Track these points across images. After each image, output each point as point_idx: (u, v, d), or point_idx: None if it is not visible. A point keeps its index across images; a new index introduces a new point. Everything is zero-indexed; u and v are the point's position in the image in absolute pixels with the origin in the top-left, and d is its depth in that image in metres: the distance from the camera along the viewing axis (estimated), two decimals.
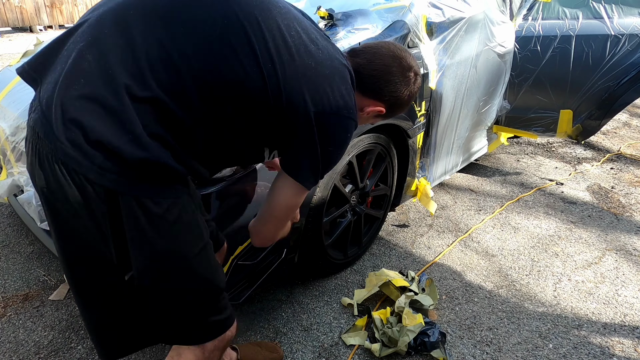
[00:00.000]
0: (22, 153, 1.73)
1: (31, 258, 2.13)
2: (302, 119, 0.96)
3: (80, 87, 0.81)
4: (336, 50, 1.07)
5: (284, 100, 0.94)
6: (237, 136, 0.98)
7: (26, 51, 2.39)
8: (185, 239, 0.93)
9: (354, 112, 1.03)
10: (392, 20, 2.01)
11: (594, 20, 2.56)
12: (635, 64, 2.46)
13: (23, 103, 1.85)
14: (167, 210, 0.89)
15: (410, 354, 1.68)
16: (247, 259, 1.59)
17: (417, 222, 2.57)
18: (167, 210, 0.88)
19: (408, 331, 1.67)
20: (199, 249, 0.96)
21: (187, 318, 1.01)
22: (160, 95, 0.83)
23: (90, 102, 0.80)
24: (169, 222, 0.89)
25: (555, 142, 3.88)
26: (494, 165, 3.38)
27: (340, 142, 1.05)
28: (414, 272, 2.06)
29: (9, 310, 1.83)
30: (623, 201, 2.91)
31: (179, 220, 0.91)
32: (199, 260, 0.97)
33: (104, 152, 0.81)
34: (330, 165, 1.06)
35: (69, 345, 1.68)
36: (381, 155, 2.05)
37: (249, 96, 0.92)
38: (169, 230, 0.90)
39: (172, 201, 0.89)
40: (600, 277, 2.17)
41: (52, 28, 8.10)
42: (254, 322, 1.81)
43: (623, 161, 3.54)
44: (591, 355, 1.73)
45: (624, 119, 4.54)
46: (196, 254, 0.96)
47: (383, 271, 1.96)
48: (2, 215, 2.46)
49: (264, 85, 0.91)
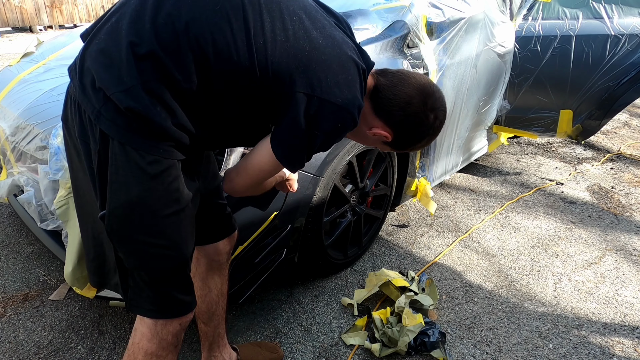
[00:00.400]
0: (22, 153, 1.73)
1: (31, 258, 2.13)
2: (288, 96, 0.99)
3: (99, 42, 0.96)
4: (346, 43, 1.06)
5: (271, 76, 0.97)
6: (234, 109, 1.02)
7: (26, 51, 2.38)
8: (160, 196, 0.98)
9: (349, 103, 1.01)
10: (392, 21, 2.01)
11: (594, 20, 2.56)
12: (635, 64, 2.46)
13: (23, 103, 1.85)
14: (149, 164, 0.94)
15: (410, 354, 1.68)
16: (247, 259, 1.59)
17: (417, 222, 2.57)
18: (148, 164, 0.94)
19: (408, 331, 1.67)
20: (171, 212, 1.00)
21: (150, 277, 1.03)
22: (159, 53, 0.91)
23: (102, 54, 0.94)
24: (148, 175, 0.95)
25: (555, 142, 3.88)
26: (494, 165, 3.38)
27: (329, 129, 1.03)
28: (414, 272, 2.06)
29: (9, 310, 1.83)
30: (623, 201, 2.91)
31: (158, 178, 0.96)
32: (169, 222, 1.00)
33: (104, 98, 0.92)
34: (314, 149, 1.05)
35: (69, 345, 1.68)
36: (381, 155, 2.05)
37: (237, 70, 0.96)
38: (145, 182, 0.95)
39: (155, 158, 0.94)
40: (600, 277, 2.17)
41: (52, 28, 8.10)
42: (254, 322, 1.81)
43: (623, 161, 3.54)
44: (591, 355, 1.73)
45: (624, 119, 4.54)
46: (167, 215, 0.99)
47: (383, 271, 1.96)
48: (2, 215, 2.46)
49: (252, 59, 0.96)
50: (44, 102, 1.80)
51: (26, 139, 1.71)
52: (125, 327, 1.76)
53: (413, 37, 2.02)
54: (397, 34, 1.97)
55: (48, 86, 1.88)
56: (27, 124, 1.74)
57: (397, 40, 1.96)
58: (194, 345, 1.70)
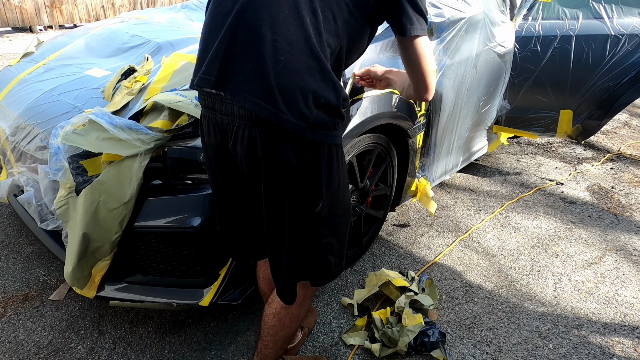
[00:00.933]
0: (22, 153, 1.73)
1: (31, 258, 2.13)
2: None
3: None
4: None
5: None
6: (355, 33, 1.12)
7: (26, 51, 2.38)
8: (345, 174, 1.18)
9: None
10: None
11: (594, 20, 2.56)
12: (635, 64, 2.46)
13: (23, 103, 1.85)
14: (340, 153, 1.13)
15: (410, 354, 1.68)
16: None
17: (417, 222, 2.57)
18: (340, 153, 1.13)
19: (408, 331, 1.67)
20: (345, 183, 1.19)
21: (340, 245, 1.23)
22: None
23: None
24: (339, 162, 1.13)
25: (555, 142, 3.88)
26: (494, 165, 3.38)
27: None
28: (414, 272, 2.06)
29: (9, 310, 1.83)
30: (623, 201, 2.91)
31: (343, 158, 1.16)
32: (348, 193, 1.22)
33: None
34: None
35: (69, 345, 1.68)
36: (381, 155, 2.05)
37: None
38: (340, 168, 1.13)
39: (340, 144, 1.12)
40: (600, 277, 2.17)
41: (52, 28, 8.10)
42: (254, 322, 1.81)
43: (623, 161, 3.54)
44: (591, 355, 1.73)
45: (624, 119, 4.54)
46: (346, 186, 1.20)
47: (383, 271, 1.96)
48: (2, 215, 2.46)
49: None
50: (44, 102, 1.80)
51: (26, 139, 1.71)
52: (125, 327, 1.76)
53: None
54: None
55: (48, 86, 1.88)
56: (27, 124, 1.74)
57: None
58: (194, 345, 1.70)
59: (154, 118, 1.47)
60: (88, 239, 1.42)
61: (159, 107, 1.49)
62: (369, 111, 1.80)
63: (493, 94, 2.66)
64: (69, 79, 1.89)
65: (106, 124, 1.40)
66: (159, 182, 1.49)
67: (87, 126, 1.43)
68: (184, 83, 1.61)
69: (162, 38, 2.01)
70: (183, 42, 1.92)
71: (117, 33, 2.24)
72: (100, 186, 1.40)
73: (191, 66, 1.67)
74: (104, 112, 1.44)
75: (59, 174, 1.46)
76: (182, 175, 1.48)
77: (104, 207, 1.40)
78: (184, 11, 2.64)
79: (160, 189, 1.48)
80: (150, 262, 1.55)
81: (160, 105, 1.49)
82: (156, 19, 2.48)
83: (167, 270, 1.57)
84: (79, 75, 1.90)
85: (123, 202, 1.40)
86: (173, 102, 1.46)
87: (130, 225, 1.45)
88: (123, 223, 1.42)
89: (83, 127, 1.44)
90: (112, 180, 1.40)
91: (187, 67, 1.69)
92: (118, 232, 1.43)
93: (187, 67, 1.70)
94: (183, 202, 1.46)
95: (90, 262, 1.48)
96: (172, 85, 1.61)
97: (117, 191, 1.40)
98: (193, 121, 1.46)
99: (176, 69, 1.69)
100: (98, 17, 8.47)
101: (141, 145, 1.39)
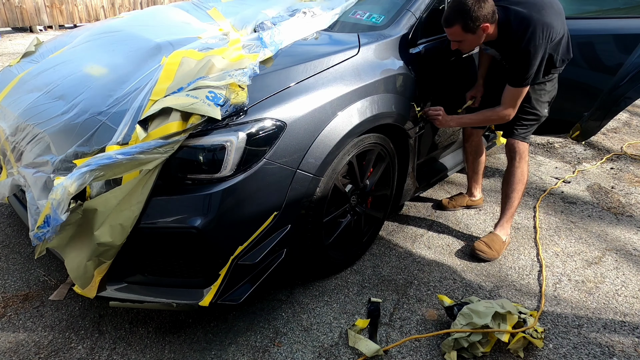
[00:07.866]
0: (22, 153, 1.73)
1: (31, 258, 2.13)
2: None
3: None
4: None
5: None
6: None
7: (26, 51, 2.38)
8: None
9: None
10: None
11: (594, 20, 2.56)
12: (636, 64, 2.46)
13: (23, 103, 1.85)
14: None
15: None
16: (247, 259, 1.59)
17: (417, 222, 2.57)
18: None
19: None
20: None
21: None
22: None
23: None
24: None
25: (555, 142, 3.88)
26: (494, 165, 3.38)
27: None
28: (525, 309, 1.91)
29: (9, 310, 1.83)
30: (623, 201, 2.91)
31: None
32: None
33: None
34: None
35: (69, 345, 1.68)
36: (381, 156, 2.05)
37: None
38: None
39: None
40: (600, 277, 2.17)
41: (52, 28, 8.09)
42: (254, 322, 1.81)
43: (623, 161, 3.54)
44: (591, 355, 1.73)
45: (624, 119, 4.53)
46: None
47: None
48: (2, 215, 2.46)
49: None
50: (44, 102, 1.80)
51: (26, 139, 1.71)
52: (125, 327, 1.76)
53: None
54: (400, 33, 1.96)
55: (48, 86, 1.88)
56: (27, 124, 1.74)
57: (397, 40, 1.96)
58: (194, 345, 1.70)
59: (163, 120, 1.46)
60: (102, 244, 1.43)
61: (166, 108, 1.48)
62: (369, 111, 1.80)
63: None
64: (68, 78, 1.89)
65: (114, 160, 1.37)
66: (159, 182, 1.49)
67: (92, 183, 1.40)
68: (188, 79, 1.60)
69: (162, 38, 2.01)
70: (183, 42, 1.91)
71: (116, 33, 2.24)
72: (117, 193, 1.41)
73: (193, 61, 1.67)
74: (109, 154, 1.41)
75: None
76: (184, 175, 1.48)
77: (118, 213, 1.41)
78: (184, 11, 2.64)
79: (162, 189, 1.47)
80: (151, 262, 1.55)
81: (167, 107, 1.48)
82: (156, 19, 2.48)
83: (168, 270, 1.57)
84: (79, 75, 1.90)
85: (136, 205, 1.41)
86: (187, 105, 1.45)
87: (134, 225, 1.45)
88: (131, 226, 1.43)
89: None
90: (127, 187, 1.41)
91: (189, 63, 1.68)
92: (127, 234, 1.43)
93: (189, 62, 1.68)
94: (185, 202, 1.46)
95: (95, 264, 1.48)
96: (177, 84, 1.59)
97: (131, 197, 1.41)
98: (206, 119, 1.46)
99: (178, 67, 1.68)
100: (98, 17, 8.47)
101: (162, 154, 1.41)
